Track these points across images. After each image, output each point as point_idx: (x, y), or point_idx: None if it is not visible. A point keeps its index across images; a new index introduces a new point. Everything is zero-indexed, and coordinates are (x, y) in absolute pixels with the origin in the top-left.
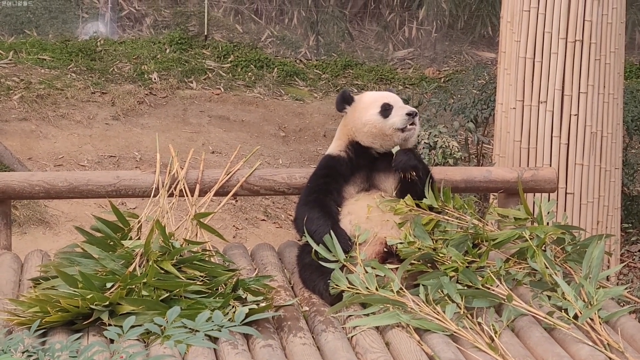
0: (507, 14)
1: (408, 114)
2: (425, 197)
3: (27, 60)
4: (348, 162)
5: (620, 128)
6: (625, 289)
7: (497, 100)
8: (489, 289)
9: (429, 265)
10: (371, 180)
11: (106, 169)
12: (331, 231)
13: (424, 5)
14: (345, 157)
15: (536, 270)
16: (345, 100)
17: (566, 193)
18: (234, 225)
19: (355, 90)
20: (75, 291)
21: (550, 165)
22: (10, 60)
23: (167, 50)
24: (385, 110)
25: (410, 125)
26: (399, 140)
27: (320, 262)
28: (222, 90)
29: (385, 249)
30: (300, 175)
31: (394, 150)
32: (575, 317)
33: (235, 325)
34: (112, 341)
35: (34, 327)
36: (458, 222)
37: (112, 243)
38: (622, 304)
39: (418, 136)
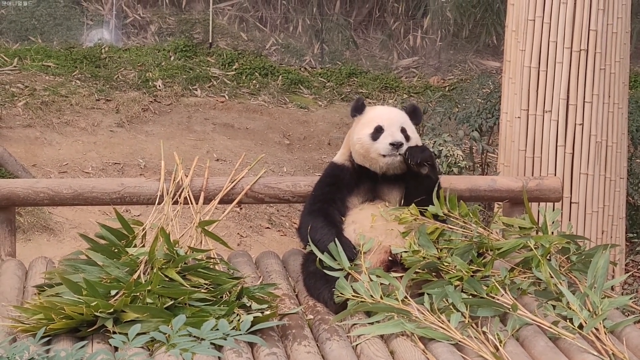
0: (512, 23)
1: (391, 144)
2: (432, 204)
3: (32, 67)
4: (352, 171)
5: (625, 138)
6: (630, 298)
7: (501, 109)
8: (493, 298)
9: (433, 274)
10: (376, 191)
11: (110, 176)
12: (336, 239)
13: (429, 13)
14: (350, 167)
15: (541, 280)
16: (357, 109)
17: (571, 202)
18: (238, 233)
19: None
20: (79, 298)
21: (555, 175)
22: (15, 66)
23: (172, 58)
24: (377, 132)
25: (391, 155)
26: (383, 164)
27: (325, 271)
28: (227, 97)
29: (389, 258)
30: (304, 183)
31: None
32: (580, 326)
33: (240, 334)
34: (116, 349)
35: (39, 334)
36: (463, 231)
37: (116, 250)
38: (627, 314)
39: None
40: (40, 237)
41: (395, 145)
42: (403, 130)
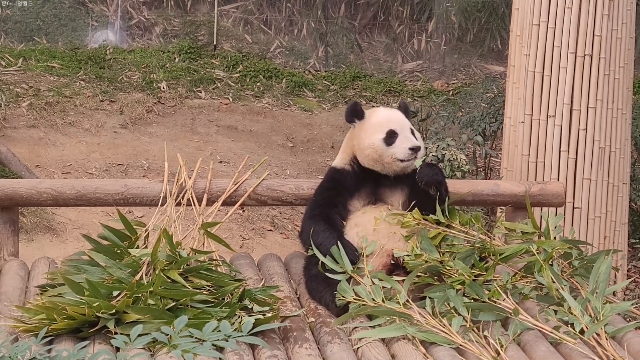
0: (517, 27)
1: (411, 149)
2: (434, 214)
3: (37, 68)
4: (353, 175)
5: (629, 143)
6: (632, 304)
7: (505, 114)
8: (495, 302)
9: (435, 278)
10: (377, 194)
11: (114, 177)
12: (338, 242)
13: (434, 17)
14: (351, 171)
15: (543, 285)
16: (355, 114)
17: (574, 208)
18: (240, 235)
19: (364, 102)
20: (81, 299)
21: (558, 180)
22: (20, 67)
23: (176, 60)
24: (390, 137)
25: (409, 159)
26: (398, 169)
27: (327, 274)
28: (231, 100)
29: (392, 261)
30: (307, 186)
31: (417, 164)
32: (582, 332)
33: (242, 336)
34: (118, 349)
35: (41, 334)
36: (465, 236)
37: (119, 251)
38: (628, 320)
39: (426, 149)
40: (43, 238)
41: (415, 150)
42: (412, 132)
